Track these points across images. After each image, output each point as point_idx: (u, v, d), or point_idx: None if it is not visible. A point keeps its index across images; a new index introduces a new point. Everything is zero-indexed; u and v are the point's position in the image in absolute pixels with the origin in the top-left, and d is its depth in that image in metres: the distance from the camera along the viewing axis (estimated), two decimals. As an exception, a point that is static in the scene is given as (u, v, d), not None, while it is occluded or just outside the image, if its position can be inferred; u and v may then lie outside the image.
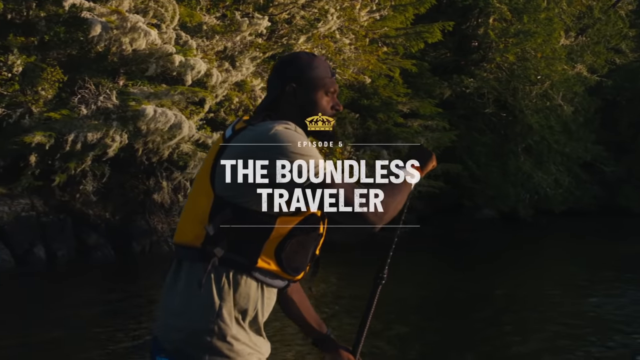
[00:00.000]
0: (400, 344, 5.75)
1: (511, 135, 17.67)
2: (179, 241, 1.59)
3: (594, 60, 20.27)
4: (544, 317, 6.95)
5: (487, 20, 17.13)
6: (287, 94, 1.61)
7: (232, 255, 1.48)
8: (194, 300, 1.48)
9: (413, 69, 14.26)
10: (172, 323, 1.51)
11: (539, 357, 5.56)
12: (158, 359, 1.55)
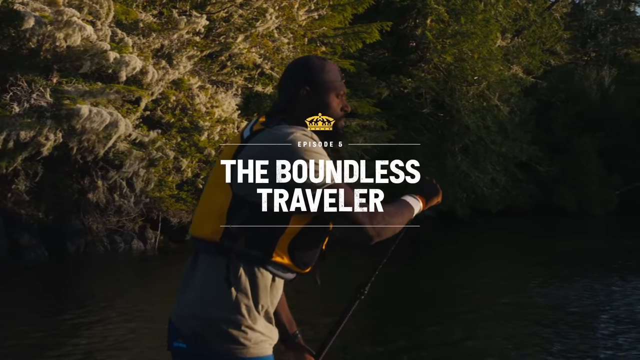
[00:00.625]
0: (340, 343, 6.17)
1: (448, 135, 18.74)
2: (196, 234, 1.75)
3: (529, 62, 21.64)
4: (481, 312, 7.43)
5: (424, 21, 18.15)
6: (301, 97, 1.79)
7: (249, 250, 1.64)
8: (211, 291, 1.66)
9: (351, 69, 14.94)
10: (190, 311, 1.69)
11: (475, 350, 5.83)
12: (175, 344, 1.72)
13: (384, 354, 5.65)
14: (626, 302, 7.91)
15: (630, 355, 5.56)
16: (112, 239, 11.34)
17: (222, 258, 1.63)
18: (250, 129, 1.74)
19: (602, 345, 6.01)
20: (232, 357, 1.63)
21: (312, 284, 1.82)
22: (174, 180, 11.58)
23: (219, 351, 1.63)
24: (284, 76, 1.86)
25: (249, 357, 1.65)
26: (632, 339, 6.13)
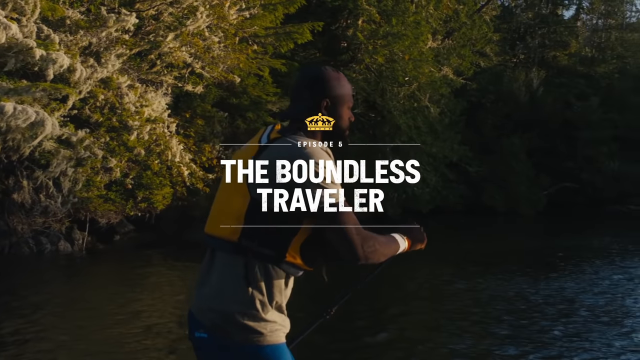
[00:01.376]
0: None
1: (380, 135, 19.67)
2: (214, 233, 1.98)
3: (459, 63, 22.80)
4: (409, 312, 7.87)
5: (356, 22, 19.00)
6: (320, 109, 2.04)
7: (265, 250, 1.89)
8: (229, 287, 1.90)
9: (282, 69, 15.64)
10: (209, 304, 1.93)
11: (400, 350, 6.11)
12: (197, 334, 1.95)
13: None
14: (551, 298, 8.60)
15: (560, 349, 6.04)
16: (37, 240, 11.61)
17: (239, 257, 1.89)
18: (268, 136, 1.98)
19: (533, 340, 6.43)
20: (250, 345, 1.89)
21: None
22: (103, 180, 11.92)
23: (237, 340, 1.88)
24: (299, 84, 2.10)
25: (265, 344, 1.90)
26: (559, 333, 6.67)
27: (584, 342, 6.27)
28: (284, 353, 1.93)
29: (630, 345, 6.13)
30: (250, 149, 1.97)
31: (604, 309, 7.86)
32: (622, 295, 9.01)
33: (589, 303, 8.30)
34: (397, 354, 6.05)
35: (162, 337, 6.31)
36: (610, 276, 10.58)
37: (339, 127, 2.12)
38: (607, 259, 12.59)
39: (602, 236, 18.58)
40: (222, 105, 14.90)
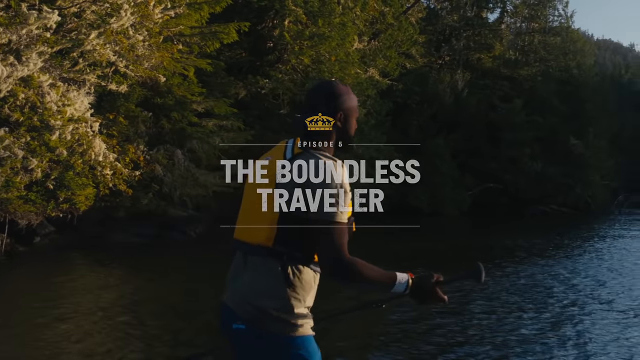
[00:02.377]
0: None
1: (305, 136, 20.37)
2: (246, 240, 2.29)
3: (385, 65, 23.80)
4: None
5: (282, 22, 19.63)
6: (336, 122, 2.37)
7: (296, 253, 2.21)
8: (263, 285, 2.20)
9: (208, 68, 15.98)
10: (247, 300, 2.21)
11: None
12: (235, 326, 2.22)
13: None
14: (471, 295, 9.09)
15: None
16: (-47, 242, 11.69)
17: (273, 259, 2.20)
18: (292, 152, 2.29)
19: (448, 338, 6.72)
20: (284, 335, 2.19)
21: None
22: (23, 180, 12.02)
23: (272, 331, 2.18)
24: (316, 97, 2.39)
25: (297, 335, 2.21)
26: (475, 332, 7.06)
27: (497, 338, 6.76)
28: (312, 343, 2.26)
29: (550, 342, 6.59)
30: (274, 162, 2.29)
31: (521, 306, 8.52)
32: (541, 292, 9.75)
33: (508, 301, 8.91)
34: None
35: (83, 342, 6.39)
36: (531, 275, 11.38)
37: (350, 136, 2.48)
38: (528, 258, 13.47)
39: (524, 236, 19.76)
40: (146, 104, 15.21)
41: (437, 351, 6.23)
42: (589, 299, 9.21)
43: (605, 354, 6.09)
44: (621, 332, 6.92)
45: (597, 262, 13.48)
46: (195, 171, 15.85)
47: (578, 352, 6.11)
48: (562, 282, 10.75)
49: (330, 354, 6.80)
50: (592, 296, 9.42)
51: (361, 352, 6.43)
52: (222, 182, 16.48)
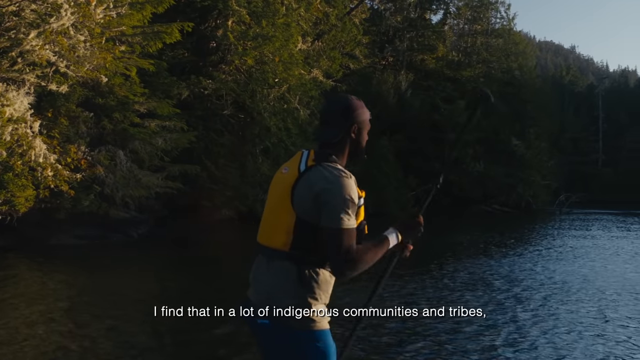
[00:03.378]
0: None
1: (249, 136, 20.78)
2: (266, 244, 2.56)
3: (329, 65, 24.36)
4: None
5: (226, 22, 19.93)
6: (351, 134, 2.61)
7: (312, 256, 2.46)
8: (285, 285, 2.45)
9: (150, 68, 16.09)
10: (269, 298, 2.48)
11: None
12: (259, 321, 2.50)
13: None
14: (414, 295, 9.46)
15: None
16: None
17: (291, 262, 2.46)
18: (305, 164, 2.53)
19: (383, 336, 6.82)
20: (304, 330, 2.46)
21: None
22: (-40, 182, 12.20)
23: (293, 326, 2.45)
24: (332, 111, 2.64)
25: (316, 329, 2.48)
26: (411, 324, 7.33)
27: (440, 335, 6.94)
28: (329, 336, 2.52)
29: (491, 338, 6.84)
30: (291, 175, 2.53)
31: (465, 303, 8.81)
32: (483, 288, 10.18)
33: (450, 299, 9.20)
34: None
35: (30, 346, 6.32)
36: (472, 272, 11.84)
37: (362, 147, 2.69)
38: (470, 256, 13.95)
39: (467, 234, 20.56)
40: (87, 105, 15.30)
41: (379, 351, 6.35)
42: (527, 293, 9.78)
43: (541, 346, 6.50)
44: (555, 327, 7.37)
45: (537, 259, 14.18)
46: (137, 172, 16.06)
47: (516, 347, 6.45)
48: (502, 278, 11.29)
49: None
50: (529, 292, 9.98)
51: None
52: (165, 183, 16.78)
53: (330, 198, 2.40)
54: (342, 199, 2.40)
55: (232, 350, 6.22)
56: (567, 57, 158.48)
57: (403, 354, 6.22)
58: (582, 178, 55.74)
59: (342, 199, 2.40)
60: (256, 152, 20.86)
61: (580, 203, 43.20)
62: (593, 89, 72.65)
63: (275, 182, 2.63)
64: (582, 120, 63.28)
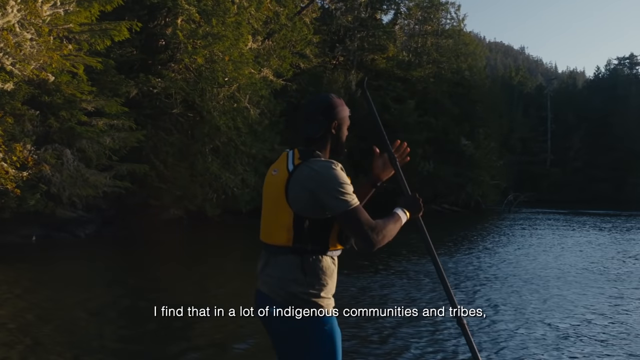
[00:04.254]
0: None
1: (199, 136, 21.03)
2: (270, 242, 2.77)
3: (279, 64, 24.65)
4: (218, 313, 8.20)
5: (175, 21, 20.12)
6: (331, 130, 2.83)
7: (314, 247, 2.69)
8: (292, 275, 2.69)
9: (98, 66, 16.07)
10: (280, 288, 2.71)
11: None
12: (272, 309, 2.72)
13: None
14: (363, 293, 9.89)
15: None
16: None
17: (295, 255, 2.69)
18: (293, 163, 2.73)
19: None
20: (312, 316, 2.70)
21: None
22: None
23: (302, 312, 2.69)
24: (312, 109, 2.84)
25: (323, 315, 2.73)
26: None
27: (383, 333, 7.17)
28: (334, 320, 2.78)
29: (439, 336, 7.20)
30: (282, 176, 2.74)
31: (405, 301, 9.29)
32: (430, 286, 10.52)
33: (395, 297, 9.59)
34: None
35: None
36: (418, 271, 12.26)
37: (342, 142, 2.92)
38: (417, 255, 14.24)
39: (416, 234, 21.10)
40: (33, 103, 15.31)
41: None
42: (474, 290, 10.33)
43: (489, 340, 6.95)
44: (493, 323, 7.77)
45: (482, 256, 14.90)
46: (85, 171, 16.18)
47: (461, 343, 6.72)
48: (451, 274, 11.79)
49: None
50: (477, 288, 10.55)
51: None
52: (113, 182, 16.93)
53: (327, 189, 2.63)
54: (339, 185, 2.63)
55: (182, 346, 6.51)
56: (517, 58, 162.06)
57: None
58: (530, 178, 57.38)
59: (339, 185, 2.63)
60: (206, 151, 21.10)
61: (529, 202, 44.59)
62: (542, 89, 74.53)
63: (267, 184, 2.85)
64: (531, 121, 64.96)
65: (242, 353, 6.45)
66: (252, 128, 22.95)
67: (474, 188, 37.31)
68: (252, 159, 23.03)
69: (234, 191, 21.80)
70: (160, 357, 6.28)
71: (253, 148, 22.84)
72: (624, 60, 74.49)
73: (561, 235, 21.32)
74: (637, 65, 74.22)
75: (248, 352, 6.40)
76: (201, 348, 6.50)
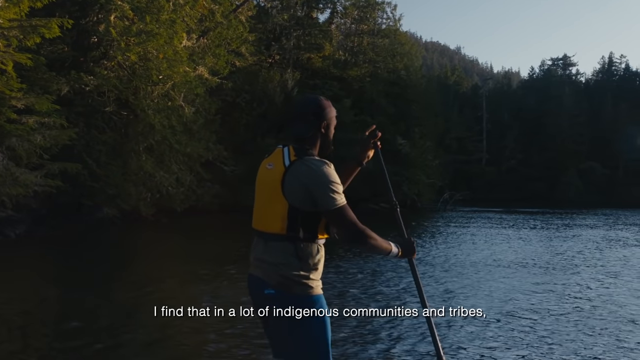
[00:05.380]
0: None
1: (132, 134, 21.12)
2: (264, 230, 3.09)
3: (215, 63, 24.82)
4: (149, 314, 7.81)
5: (108, 17, 20.13)
6: (321, 130, 3.16)
7: (305, 235, 3.03)
8: (285, 260, 3.02)
9: (28, 63, 15.93)
10: (274, 272, 3.03)
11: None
12: (266, 291, 3.05)
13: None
14: None
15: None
16: None
17: (288, 242, 3.03)
18: (289, 159, 3.03)
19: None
20: (304, 295, 3.05)
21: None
22: None
23: (295, 292, 3.03)
24: (304, 109, 3.17)
25: (313, 294, 3.07)
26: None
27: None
28: (323, 299, 3.12)
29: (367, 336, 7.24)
30: (278, 170, 3.05)
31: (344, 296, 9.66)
32: (361, 284, 10.83)
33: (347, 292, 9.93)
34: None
35: None
36: (347, 269, 12.50)
37: (330, 141, 3.25)
38: (349, 254, 14.45)
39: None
40: (-41, 100, 15.25)
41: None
42: (403, 288, 10.85)
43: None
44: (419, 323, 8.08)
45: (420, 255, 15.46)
46: (14, 170, 16.11)
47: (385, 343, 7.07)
48: (378, 273, 12.14)
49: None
50: (407, 285, 11.03)
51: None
52: (44, 181, 16.93)
53: (320, 186, 2.95)
54: (330, 183, 2.96)
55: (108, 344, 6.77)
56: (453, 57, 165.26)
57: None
58: (466, 177, 58.87)
59: (330, 183, 2.96)
60: (139, 150, 21.20)
61: (464, 201, 45.82)
62: (477, 89, 76.54)
63: (262, 176, 3.16)
64: (467, 121, 66.67)
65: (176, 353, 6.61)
66: (187, 127, 23.14)
67: (410, 187, 38.02)
68: (187, 158, 23.24)
69: (169, 190, 21.95)
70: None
71: (188, 147, 23.03)
72: (557, 61, 77.27)
73: (494, 233, 22.13)
74: (570, 65, 77.15)
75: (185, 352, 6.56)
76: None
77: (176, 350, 6.53)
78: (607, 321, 8.00)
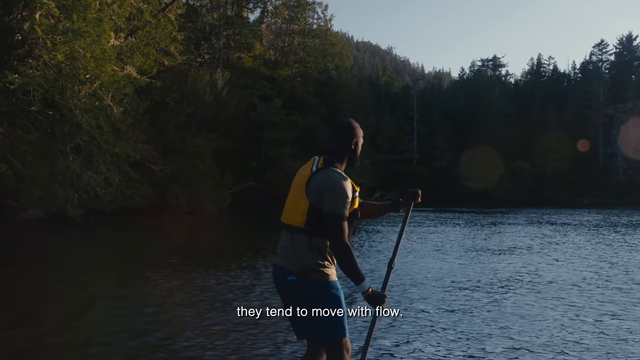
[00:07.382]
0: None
1: (59, 134, 21.12)
2: (290, 223, 3.73)
3: (143, 62, 25.06)
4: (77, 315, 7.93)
5: (33, 15, 20.09)
6: (351, 148, 3.85)
7: (319, 230, 3.64)
8: (305, 250, 3.64)
9: None
10: (296, 260, 3.66)
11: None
12: (289, 278, 3.67)
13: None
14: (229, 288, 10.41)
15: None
16: None
17: (306, 235, 3.66)
18: (317, 166, 3.72)
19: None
20: (322, 281, 3.68)
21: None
22: None
23: (315, 279, 3.66)
24: (340, 129, 3.86)
25: (330, 280, 3.70)
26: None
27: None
28: (338, 285, 3.73)
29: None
30: (306, 174, 3.73)
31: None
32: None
33: (257, 292, 9.89)
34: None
35: None
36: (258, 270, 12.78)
37: (357, 156, 3.94)
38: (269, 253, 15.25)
39: (273, 233, 21.91)
40: None
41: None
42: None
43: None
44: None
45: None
46: (-64, 170, 16.12)
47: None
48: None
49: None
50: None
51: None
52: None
53: (330, 192, 3.60)
54: (341, 194, 3.61)
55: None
56: (384, 57, 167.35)
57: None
58: (397, 176, 60.00)
59: (341, 194, 3.61)
60: (66, 150, 21.23)
61: (395, 201, 46.67)
62: (408, 89, 77.99)
63: (295, 179, 3.83)
64: (398, 120, 67.96)
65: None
66: (116, 126, 23.28)
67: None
68: (116, 158, 23.36)
69: (97, 191, 22.07)
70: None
71: (116, 147, 23.17)
72: (487, 62, 79.59)
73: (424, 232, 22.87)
74: (499, 67, 79.57)
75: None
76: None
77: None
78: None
